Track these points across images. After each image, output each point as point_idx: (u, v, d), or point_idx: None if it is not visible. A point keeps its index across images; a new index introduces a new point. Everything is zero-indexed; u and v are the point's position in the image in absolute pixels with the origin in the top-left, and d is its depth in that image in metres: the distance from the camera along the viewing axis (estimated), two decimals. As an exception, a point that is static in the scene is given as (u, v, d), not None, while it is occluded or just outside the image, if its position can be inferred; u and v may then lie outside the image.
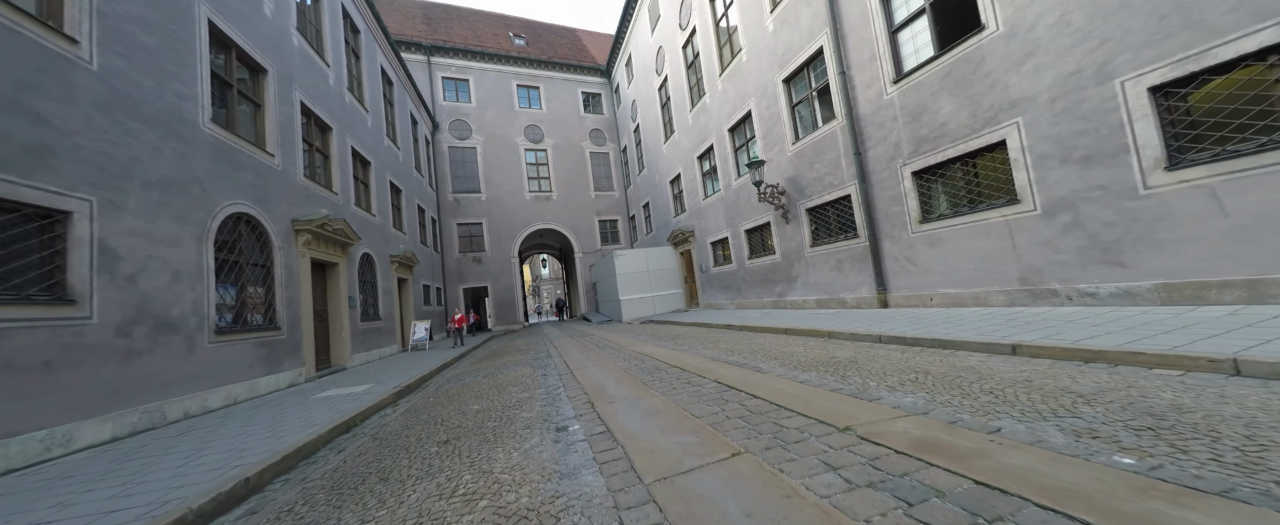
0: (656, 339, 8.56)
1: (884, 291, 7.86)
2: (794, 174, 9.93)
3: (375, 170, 12.46)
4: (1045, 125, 5.41)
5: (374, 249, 11.75)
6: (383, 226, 12.62)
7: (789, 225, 10.33)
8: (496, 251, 20.89)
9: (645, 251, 16.89)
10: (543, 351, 8.99)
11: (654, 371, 4.79)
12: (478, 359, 9.53)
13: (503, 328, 20.65)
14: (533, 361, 7.55)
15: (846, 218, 8.71)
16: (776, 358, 4.87)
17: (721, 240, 13.87)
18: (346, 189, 10.43)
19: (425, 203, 17.66)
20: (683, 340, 7.81)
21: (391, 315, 12.57)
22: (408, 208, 15.24)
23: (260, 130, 7.52)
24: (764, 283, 11.61)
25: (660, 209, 18.70)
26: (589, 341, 9.79)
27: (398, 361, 10.03)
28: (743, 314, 11.04)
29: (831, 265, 9.12)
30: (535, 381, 5.33)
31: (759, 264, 11.74)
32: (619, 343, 8.61)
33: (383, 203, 12.81)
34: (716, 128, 13.21)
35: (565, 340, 11.04)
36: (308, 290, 8.16)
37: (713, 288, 14.63)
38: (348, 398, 5.72)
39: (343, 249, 9.79)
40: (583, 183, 22.94)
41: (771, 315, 9.62)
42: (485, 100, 21.68)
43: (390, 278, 12.80)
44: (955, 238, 6.59)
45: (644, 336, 9.43)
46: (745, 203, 12.09)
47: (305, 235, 8.13)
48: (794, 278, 10.37)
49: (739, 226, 12.52)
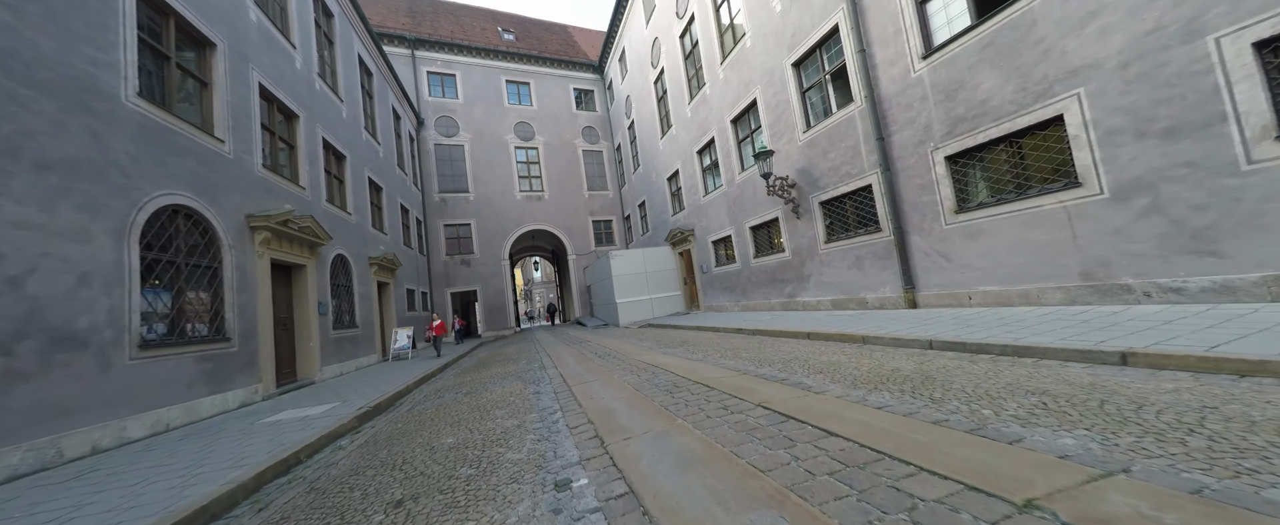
0: (663, 346, 7.67)
1: (912, 290, 7.07)
2: (805, 165, 9.14)
3: (351, 165, 11.43)
4: (1114, 95, 4.65)
5: (349, 250, 10.72)
6: (360, 226, 11.59)
7: (800, 220, 9.53)
8: (486, 254, 19.87)
9: (642, 252, 16.02)
10: (535, 361, 8.05)
11: (672, 389, 3.90)
12: (463, 370, 8.56)
13: (493, 334, 19.61)
14: (524, 373, 6.62)
15: (867, 210, 7.93)
16: (819, 370, 4.01)
17: (724, 238, 13.05)
18: (317, 183, 9.41)
19: (409, 202, 16.61)
20: (694, 347, 6.93)
21: (370, 322, 11.52)
22: (389, 207, 14.20)
23: (207, 112, 6.51)
24: (772, 283, 10.79)
25: (657, 208, 17.85)
26: (586, 349, 8.87)
27: (375, 373, 9.01)
28: (751, 317, 10.19)
29: (849, 262, 8.32)
30: (526, 402, 4.41)
31: (766, 263, 10.92)
32: (620, 350, 7.71)
33: (360, 200, 11.78)
34: (718, 120, 12.41)
35: (560, 347, 10.10)
36: (267, 295, 7.14)
37: (715, 289, 13.79)
38: (301, 423, 4.74)
39: (311, 249, 8.77)
40: (576, 182, 22.01)
41: (783, 317, 8.79)
42: (473, 96, 20.69)
43: (369, 281, 11.76)
44: (999, 229, 5.81)
45: (647, 342, 8.54)
46: (750, 198, 11.28)
47: (264, 233, 7.11)
48: (806, 277, 9.56)
49: (743, 223, 11.70)
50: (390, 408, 5.62)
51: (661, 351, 6.85)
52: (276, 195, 7.80)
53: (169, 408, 5.10)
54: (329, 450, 3.88)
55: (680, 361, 5.52)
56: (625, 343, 8.98)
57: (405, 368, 9.51)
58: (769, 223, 10.79)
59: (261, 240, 7.11)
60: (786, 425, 2.47)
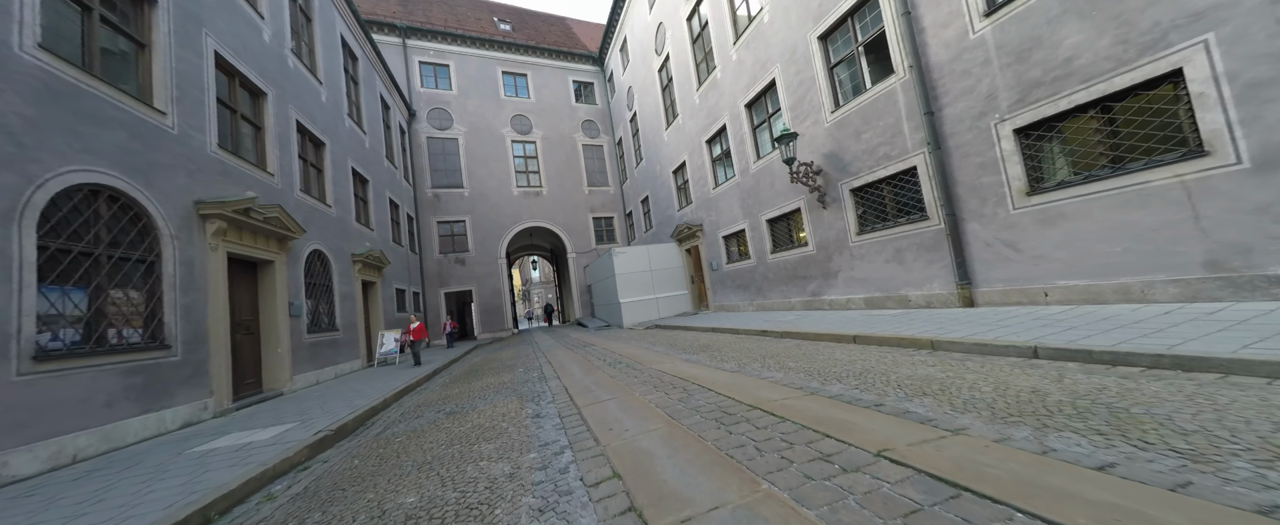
0: (680, 351, 6.68)
1: (968, 286, 6.10)
2: (833, 149, 8.18)
3: (332, 153, 10.40)
4: (1260, 40, 3.69)
5: (329, 245, 9.68)
6: (342, 220, 10.55)
7: (826, 210, 8.55)
8: (481, 252, 18.83)
9: (646, 248, 15.02)
10: (534, 368, 7.04)
11: (721, 417, 2.90)
12: (452, 379, 7.54)
13: (489, 335, 18.57)
14: (520, 386, 5.61)
15: (910, 196, 6.96)
16: (909, 388, 3.03)
17: (736, 233, 12.07)
18: (289, 170, 8.38)
19: (400, 197, 15.56)
20: (719, 353, 5.94)
21: (353, 325, 10.48)
22: (376, 201, 13.16)
23: (145, 78, 5.49)
24: (792, 280, 9.82)
25: (661, 203, 16.86)
26: (592, 354, 7.86)
27: (355, 382, 7.98)
28: (771, 317, 9.21)
29: (887, 255, 7.36)
30: (522, 432, 3.41)
31: (786, 258, 9.95)
32: (633, 356, 6.71)
33: (342, 192, 10.75)
34: (730, 105, 11.43)
35: (561, 352, 9.09)
36: (222, 294, 6.11)
37: (725, 287, 12.81)
38: (239, 453, 3.73)
39: (281, 243, 7.74)
40: (575, 177, 21.01)
41: (810, 318, 7.81)
42: (467, 87, 19.66)
43: (352, 280, 10.72)
44: (1087, 212, 4.85)
45: (660, 346, 7.54)
46: (767, 188, 10.30)
47: (218, 222, 6.09)
48: (833, 272, 8.58)
49: (759, 216, 10.73)
50: (357, 430, 4.60)
51: (682, 358, 5.86)
52: (237, 180, 6.77)
53: (78, 434, 4.07)
54: (256, 500, 2.87)
55: (713, 372, 4.52)
56: (635, 347, 7.98)
57: (390, 375, 8.48)
58: (789, 214, 9.81)
59: (215, 231, 6.08)
60: (967, 505, 1.48)
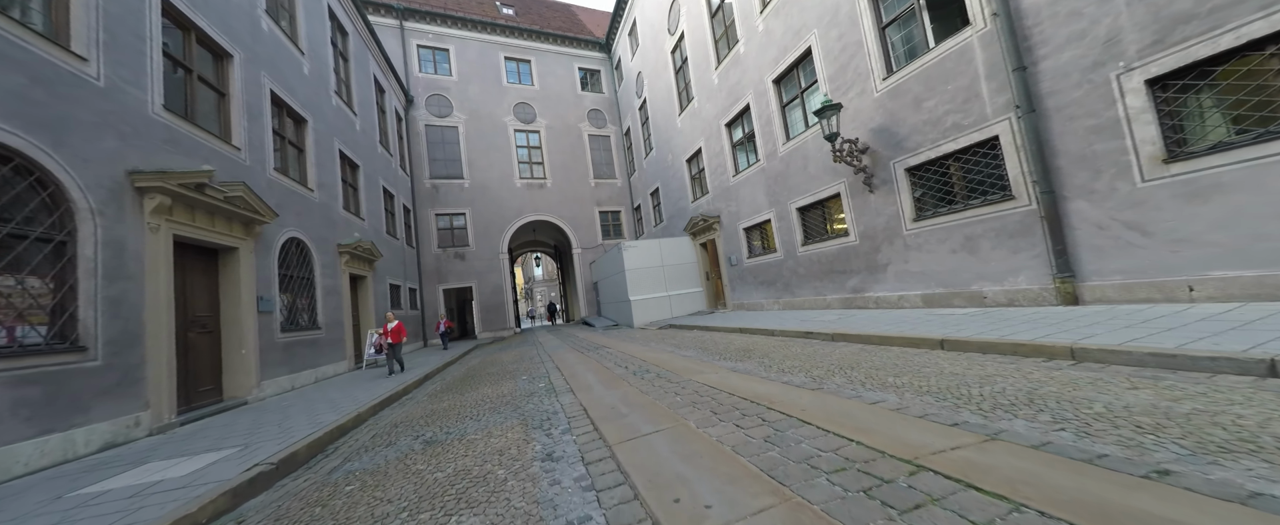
0: (717, 356, 5.57)
1: (1070, 279, 4.98)
2: (884, 122, 7.05)
3: (316, 132, 9.32)
4: None
5: (310, 234, 8.61)
6: (327, 206, 9.48)
7: (873, 194, 7.43)
8: (482, 246, 17.76)
9: (658, 242, 13.92)
10: (540, 375, 5.95)
11: (879, 488, 1.79)
12: (443, 387, 6.45)
13: (490, 335, 17.50)
14: (524, 401, 4.51)
15: (988, 172, 5.83)
16: (1155, 427, 1.93)
17: (760, 224, 10.95)
18: (260, 146, 7.31)
19: (395, 187, 14.50)
20: (767, 359, 4.83)
21: (338, 323, 9.41)
22: (368, 188, 12.09)
23: (58, 15, 4.40)
24: (829, 274, 8.69)
25: (673, 194, 15.75)
26: (607, 359, 6.75)
27: (335, 388, 6.91)
28: (805, 317, 8.09)
29: (954, 244, 6.23)
30: (529, 493, 2.32)
31: (821, 250, 8.82)
32: (660, 363, 5.60)
33: (328, 176, 9.67)
34: (755, 82, 10.31)
35: (570, 355, 7.98)
36: (166, 285, 5.03)
37: (746, 284, 11.69)
38: (132, 500, 2.64)
39: (247, 228, 6.66)
40: (581, 169, 19.91)
41: (854, 318, 6.70)
42: (468, 73, 18.58)
43: (338, 273, 9.65)
44: (1260, 182, 3.72)
45: (688, 349, 6.43)
46: (799, 172, 9.18)
47: (159, 198, 5.01)
48: (881, 265, 7.46)
49: (788, 204, 9.60)
50: (311, 460, 3.51)
51: (726, 366, 4.74)
52: (190, 151, 5.70)
53: (-76, 469, 3.00)
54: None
55: (784, 389, 3.41)
56: (657, 350, 6.87)
57: (375, 381, 7.40)
58: (826, 201, 8.68)
59: (156, 208, 5.00)
60: None
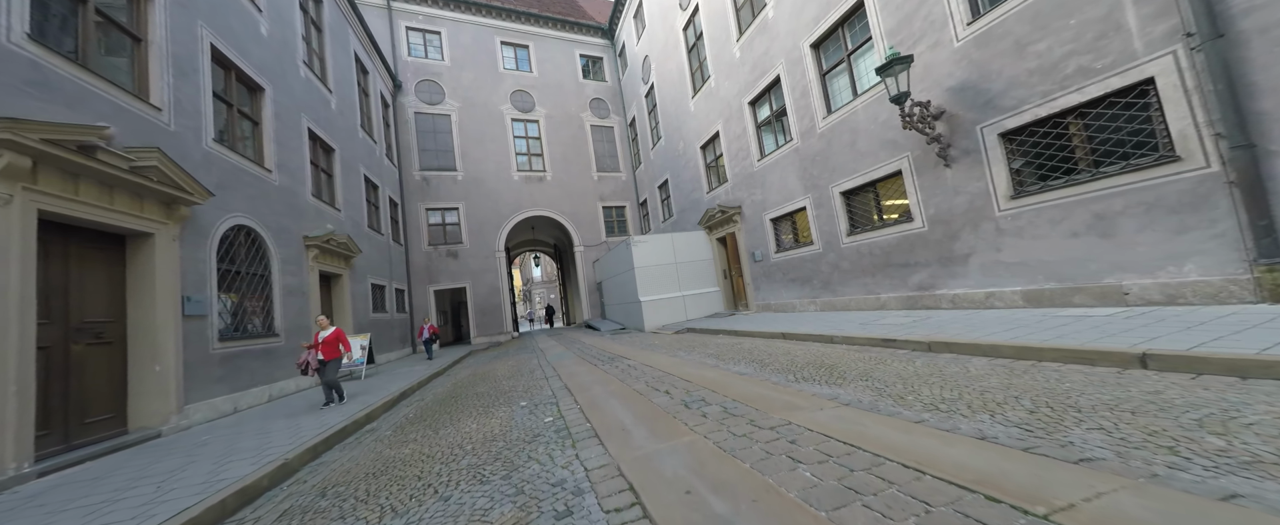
0: (783, 373, 4.12)
1: (1277, 266, 3.57)
2: (968, 78, 5.65)
3: (275, 102, 7.86)
4: None
5: (266, 222, 7.14)
6: (290, 192, 8.01)
7: (950, 169, 6.02)
8: (477, 244, 16.29)
9: (670, 237, 12.50)
10: (543, 396, 4.49)
11: None
12: (416, 413, 4.98)
13: (486, 339, 16.00)
14: (521, 452, 3.05)
15: (1133, 128, 4.42)
16: None
17: (791, 214, 9.54)
18: (192, 109, 5.84)
19: (380, 177, 13.03)
20: (864, 379, 3.39)
21: (304, 328, 7.92)
22: (346, 175, 10.62)
23: None
24: (883, 269, 7.27)
25: (685, 186, 14.33)
26: (629, 375, 5.28)
27: (283, 412, 5.43)
28: (860, 320, 6.67)
29: (1077, 225, 4.81)
30: None
31: (874, 241, 7.40)
32: (710, 384, 4.13)
33: (292, 156, 8.21)
34: (787, 49, 8.91)
35: (578, 367, 6.51)
36: (19, 280, 3.57)
37: (773, 282, 10.26)
38: None
39: (167, 209, 5.19)
40: (583, 162, 18.48)
41: (931, 321, 5.28)
42: (462, 58, 17.16)
43: (304, 270, 8.17)
44: None
45: (734, 362, 4.97)
46: (844, 150, 7.77)
47: (5, 156, 3.54)
48: (960, 256, 6.04)
49: (830, 187, 8.19)
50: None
51: (812, 391, 3.28)
52: (75, 101, 4.23)
53: None
54: None
55: (982, 452, 1.98)
56: (691, 362, 5.41)
57: (349, 395, 5.93)
58: (881, 182, 7.27)
59: (3, 169, 3.54)
60: None
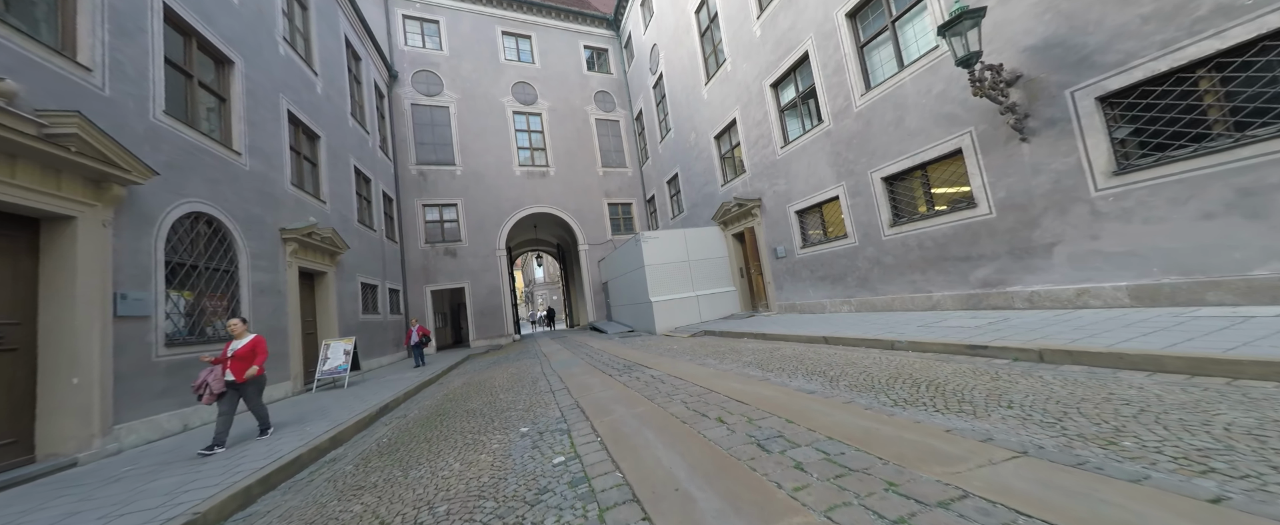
0: (872, 392, 3.17)
1: None
2: (1053, 33, 4.72)
3: (247, 78, 6.97)
4: None
5: (232, 211, 6.23)
6: (264, 178, 7.11)
7: (1028, 143, 5.07)
8: (476, 242, 15.38)
9: (683, 233, 11.57)
10: (548, 419, 3.54)
11: None
12: (390, 438, 4.03)
13: (486, 342, 15.07)
14: (515, 510, 2.10)
15: (1293, 79, 3.47)
16: None
17: (821, 205, 8.59)
18: (135, 74, 4.95)
19: (373, 170, 12.15)
20: (998, 406, 2.45)
21: (278, 331, 7.00)
22: (333, 165, 9.73)
23: None
24: (937, 263, 6.31)
25: (697, 179, 13.41)
26: (653, 387, 4.32)
27: (241, 429, 4.48)
28: (910, 321, 5.71)
29: (1211, 205, 3.86)
30: None
31: (925, 232, 6.45)
32: (763, 403, 3.16)
33: (267, 140, 7.31)
34: (816, 21, 7.99)
35: (590, 378, 5.55)
36: None
37: (799, 281, 9.31)
38: None
39: (96, 188, 4.28)
40: (587, 157, 17.58)
41: (1014, 324, 4.34)
42: (461, 48, 16.30)
43: (279, 266, 7.26)
44: None
45: (784, 373, 4.01)
46: (887, 129, 6.83)
47: None
48: (1040, 246, 5.09)
49: (870, 173, 7.24)
50: None
51: (951, 425, 2.34)
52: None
53: None
54: None
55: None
56: (727, 373, 4.45)
57: (314, 413, 5.00)
58: (935, 162, 6.31)
59: None
60: None
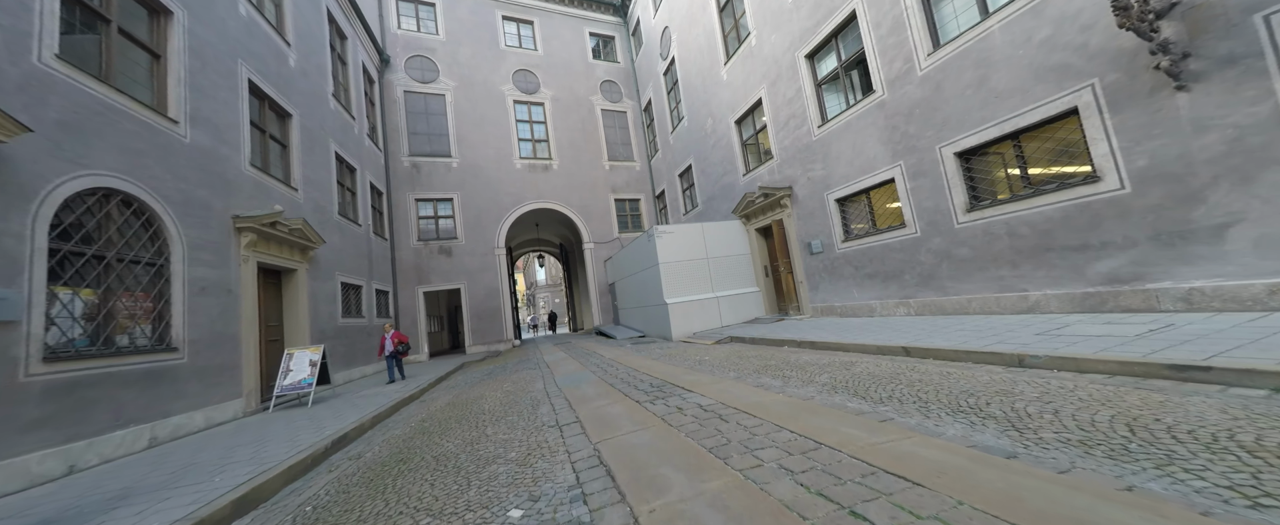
0: (1097, 450, 1.89)
1: None
2: (1234, -59, 3.45)
3: (190, 34, 5.74)
4: None
5: (164, 191, 5.00)
6: (212, 155, 5.88)
7: (1185, 93, 3.80)
8: (474, 240, 14.13)
9: (701, 227, 10.31)
10: (553, 479, 2.28)
11: None
12: (333, 494, 2.75)
13: (483, 348, 13.79)
14: None
15: None
16: None
17: (868, 190, 7.33)
18: (21, 8, 3.72)
19: (359, 159, 10.94)
20: None
21: (226, 339, 5.75)
22: (309, 148, 8.51)
23: None
24: (1039, 255, 5.02)
25: (714, 170, 12.16)
26: (709, 426, 3.02)
27: (145, 469, 3.22)
28: (1014, 328, 4.43)
29: None
30: None
31: (1017, 217, 5.16)
32: (931, 475, 1.91)
33: (219, 110, 6.08)
34: (867, -25, 6.75)
35: (607, 403, 4.24)
36: None
37: (839, 279, 8.03)
38: None
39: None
40: (593, 150, 16.35)
41: (1179, 332, 3.06)
42: (458, 33, 15.13)
43: (230, 260, 6.02)
44: None
45: (906, 404, 2.73)
46: (965, 93, 5.57)
47: None
48: (1208, 229, 3.80)
49: (941, 147, 5.98)
50: None
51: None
52: None
53: None
54: None
55: None
56: (816, 404, 3.15)
57: (245, 446, 3.73)
58: (1033, 129, 5.03)
59: None
60: None
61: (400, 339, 7.69)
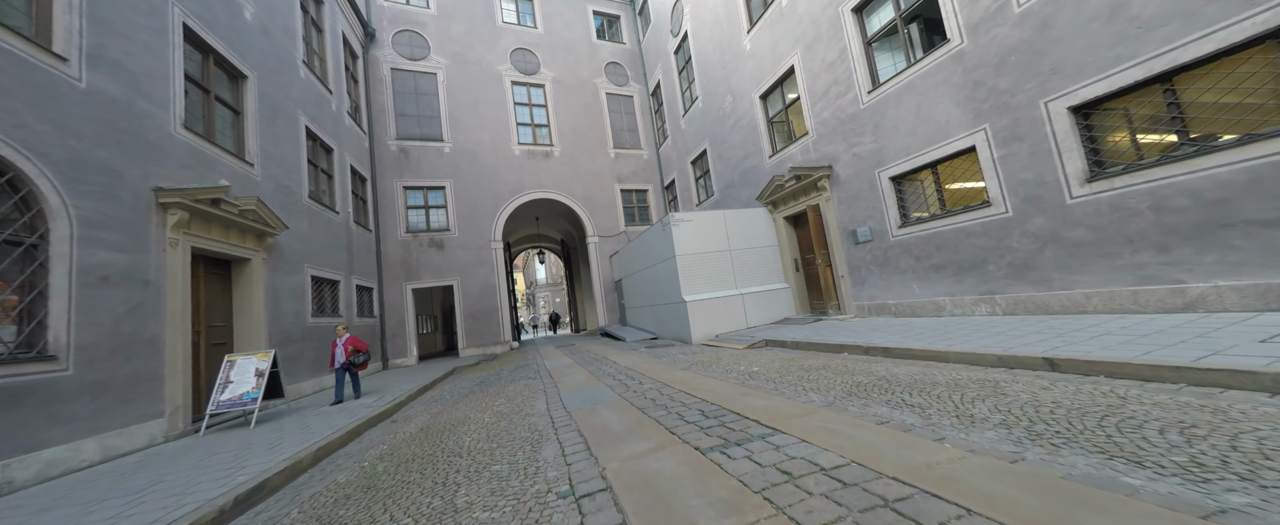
0: None
1: None
2: None
3: (90, -48, 4.44)
4: None
5: (34, 145, 3.69)
6: (118, 105, 4.58)
7: None
8: (468, 232, 12.83)
9: (723, 215, 9.04)
10: None
11: None
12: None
13: (477, 351, 12.49)
14: None
15: None
16: None
17: (934, 163, 6.06)
18: None
19: (336, 139, 9.64)
20: None
21: (141, 344, 4.45)
22: (269, 119, 7.21)
23: None
24: (1200, 234, 3.73)
25: (733, 153, 10.89)
26: (847, 505, 1.75)
27: None
28: (1159, 330, 3.15)
29: None
30: None
31: (1168, 185, 3.87)
32: None
33: (136, 56, 4.78)
34: (942, -103, 5.47)
35: (649, 453, 2.90)
36: None
37: (893, 272, 6.76)
38: None
39: None
40: (597, 136, 15.06)
41: None
42: (451, 6, 13.84)
43: (149, 244, 4.72)
44: None
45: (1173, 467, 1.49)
46: (1085, 29, 4.29)
47: None
48: None
49: (1047, 101, 4.69)
50: None
51: None
52: None
53: None
54: None
55: None
56: (1026, 474, 1.91)
57: (157, 482, 2.45)
58: (1204, 64, 3.74)
59: None
60: None
61: (355, 347, 5.99)
